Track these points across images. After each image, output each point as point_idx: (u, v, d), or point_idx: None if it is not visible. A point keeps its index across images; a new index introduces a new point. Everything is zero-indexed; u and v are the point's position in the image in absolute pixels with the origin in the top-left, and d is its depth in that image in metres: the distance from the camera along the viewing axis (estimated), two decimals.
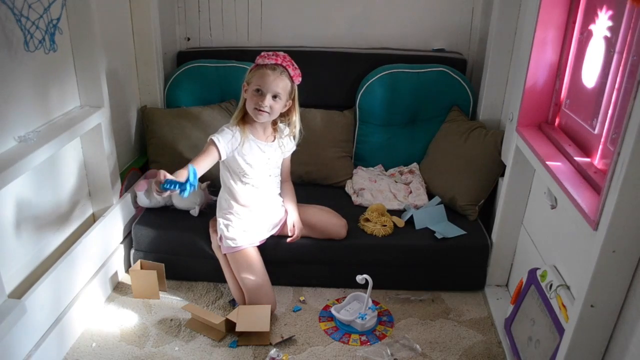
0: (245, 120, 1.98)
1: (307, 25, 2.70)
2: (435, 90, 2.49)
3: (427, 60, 2.54)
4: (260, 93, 1.89)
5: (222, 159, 1.92)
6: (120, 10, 2.24)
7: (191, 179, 1.63)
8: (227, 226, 2.01)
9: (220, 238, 2.04)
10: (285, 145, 2.07)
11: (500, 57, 2.29)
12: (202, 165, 1.84)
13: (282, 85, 1.90)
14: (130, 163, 2.40)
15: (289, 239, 2.09)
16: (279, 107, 1.94)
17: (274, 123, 2.04)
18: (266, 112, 1.90)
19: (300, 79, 1.97)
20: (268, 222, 2.10)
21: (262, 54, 1.93)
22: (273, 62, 1.90)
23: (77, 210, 2.02)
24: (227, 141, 1.90)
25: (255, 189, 2.02)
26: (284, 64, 1.91)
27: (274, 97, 1.90)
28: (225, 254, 2.04)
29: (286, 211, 2.13)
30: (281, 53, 1.93)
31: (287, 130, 2.06)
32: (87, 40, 1.89)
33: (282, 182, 2.15)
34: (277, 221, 2.12)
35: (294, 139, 2.10)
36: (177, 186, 1.61)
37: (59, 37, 1.72)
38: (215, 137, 1.89)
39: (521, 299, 1.81)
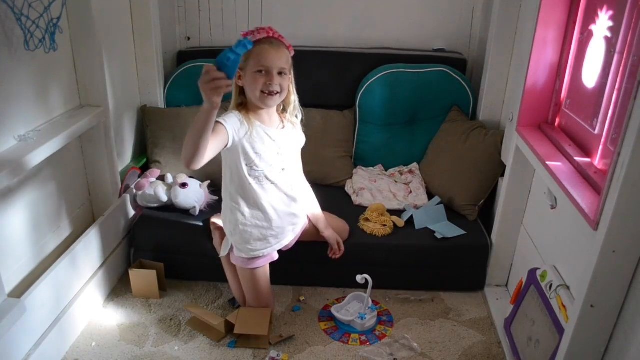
0: (246, 109, 1.75)
1: (307, 25, 2.70)
2: (435, 90, 2.49)
3: (427, 60, 2.54)
4: (263, 73, 1.65)
5: (229, 144, 1.65)
6: (120, 9, 2.24)
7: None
8: (239, 234, 1.82)
9: (231, 247, 1.89)
10: (294, 127, 1.86)
11: (500, 57, 2.29)
12: (212, 145, 1.55)
13: (285, 59, 1.68)
14: (131, 163, 2.40)
15: (335, 256, 2.01)
16: (287, 83, 1.72)
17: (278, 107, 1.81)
18: (277, 92, 1.68)
19: (292, 50, 1.74)
20: (285, 223, 1.88)
21: (245, 32, 1.66)
22: (266, 35, 1.66)
23: (77, 210, 2.02)
24: (236, 127, 1.66)
25: (266, 186, 1.79)
26: (276, 36, 1.69)
27: (280, 73, 1.67)
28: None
29: (308, 217, 2.00)
30: (265, 26, 1.69)
31: (291, 109, 1.83)
32: (87, 40, 1.89)
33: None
34: (297, 227, 1.95)
35: (297, 117, 1.86)
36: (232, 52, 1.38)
37: (59, 37, 1.72)
38: (222, 119, 1.63)
39: (521, 299, 1.81)
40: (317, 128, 2.47)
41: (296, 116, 1.86)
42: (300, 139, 1.91)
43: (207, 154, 1.54)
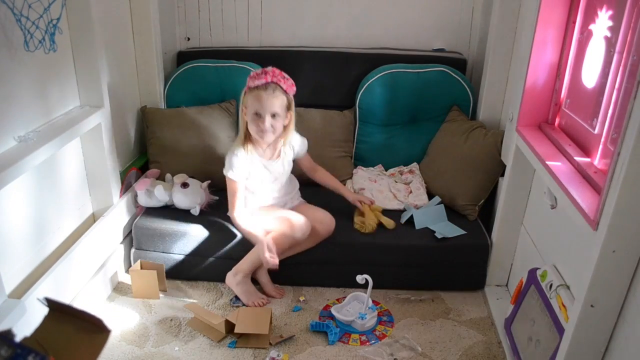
0: (249, 140, 2.02)
1: (307, 25, 2.70)
2: (435, 90, 2.49)
3: (427, 60, 2.53)
4: (259, 116, 1.93)
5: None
6: (120, 10, 2.24)
7: None
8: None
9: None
10: (287, 155, 2.12)
11: (500, 57, 2.29)
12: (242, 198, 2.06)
13: (278, 103, 1.94)
14: (130, 163, 2.40)
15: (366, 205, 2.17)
16: (281, 124, 1.99)
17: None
18: (269, 132, 1.96)
19: (294, 88, 1.99)
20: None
21: (252, 74, 1.95)
22: (264, 81, 1.91)
23: (77, 210, 2.02)
24: (244, 173, 2.02)
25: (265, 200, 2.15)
26: (274, 80, 1.93)
27: (273, 116, 1.94)
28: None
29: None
30: (270, 69, 1.94)
31: (290, 139, 2.10)
32: (87, 40, 1.89)
33: (313, 172, 2.26)
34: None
35: (292, 148, 2.13)
36: None
37: (59, 37, 1.72)
38: (233, 173, 2.00)
39: (521, 299, 1.81)
40: (317, 128, 2.47)
41: (292, 148, 2.13)
42: (297, 152, 2.17)
43: None
